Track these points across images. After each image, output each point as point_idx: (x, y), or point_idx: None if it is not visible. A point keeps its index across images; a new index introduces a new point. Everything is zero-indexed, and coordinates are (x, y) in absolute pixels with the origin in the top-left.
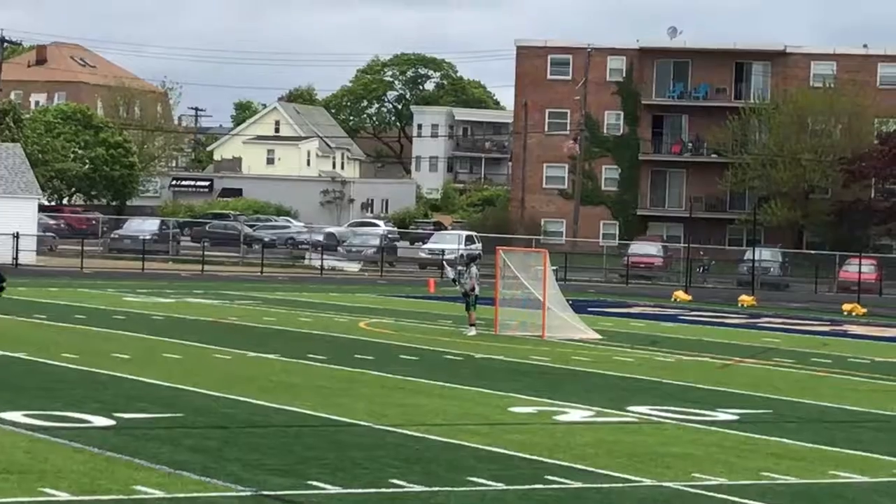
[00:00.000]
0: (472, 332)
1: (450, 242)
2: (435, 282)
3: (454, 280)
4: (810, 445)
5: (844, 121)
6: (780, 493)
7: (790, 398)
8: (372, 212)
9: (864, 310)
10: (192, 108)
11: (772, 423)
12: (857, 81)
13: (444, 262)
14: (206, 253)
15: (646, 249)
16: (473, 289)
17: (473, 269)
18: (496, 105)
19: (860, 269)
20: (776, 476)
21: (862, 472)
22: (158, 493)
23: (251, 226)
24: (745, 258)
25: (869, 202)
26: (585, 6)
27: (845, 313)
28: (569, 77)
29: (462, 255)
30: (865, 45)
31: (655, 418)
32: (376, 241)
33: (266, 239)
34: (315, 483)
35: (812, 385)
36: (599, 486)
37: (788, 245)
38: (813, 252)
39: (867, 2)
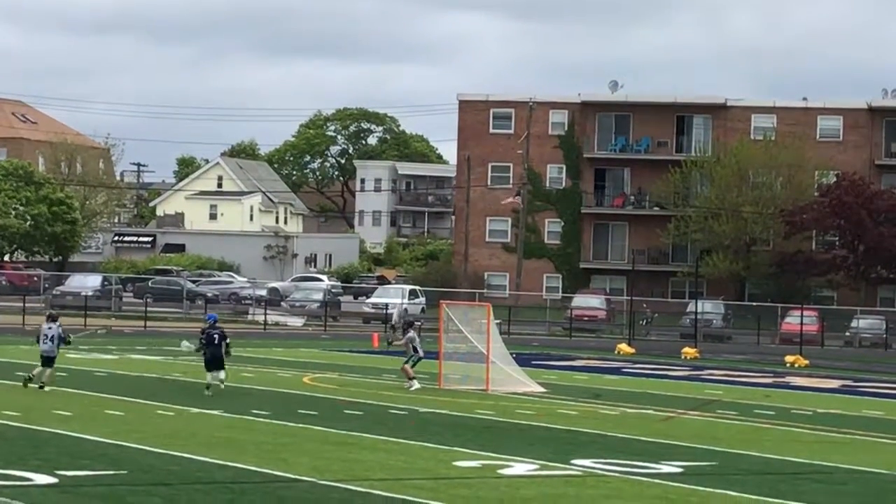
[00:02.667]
0: (416, 385)
1: (393, 297)
2: (379, 336)
3: (392, 327)
4: (754, 497)
5: (785, 173)
6: None
7: (734, 450)
8: (315, 266)
9: (807, 361)
10: (134, 164)
11: (716, 475)
12: (797, 134)
13: (397, 308)
14: (148, 309)
15: (589, 302)
16: (416, 350)
17: (411, 333)
18: (439, 159)
19: (802, 320)
20: None
21: None
22: None
23: (194, 281)
24: (688, 310)
25: (810, 254)
26: (527, 61)
27: (788, 365)
28: (511, 131)
29: (404, 319)
30: (805, 99)
31: (599, 471)
32: (320, 296)
33: (209, 294)
34: None
35: (755, 437)
36: None
37: (731, 297)
38: (755, 304)
39: (806, 56)
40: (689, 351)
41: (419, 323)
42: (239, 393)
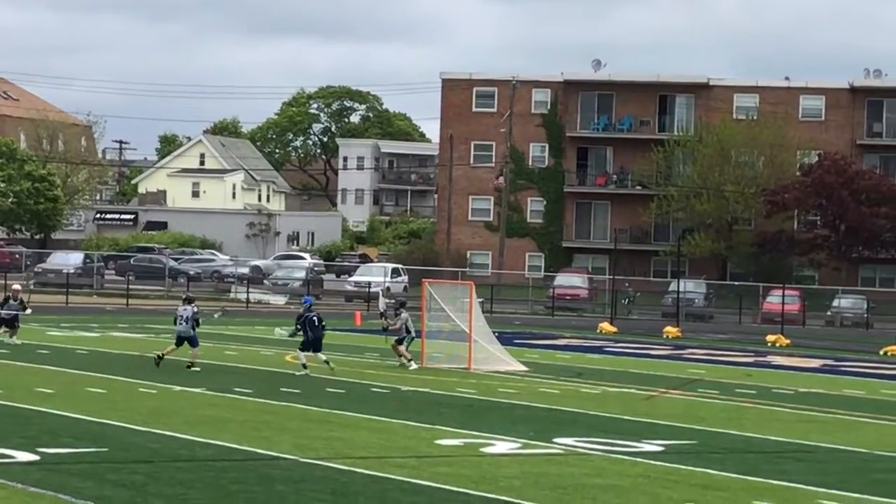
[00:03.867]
0: (414, 365)
1: (376, 275)
2: (361, 314)
3: (381, 314)
4: (735, 476)
5: (767, 153)
6: None
7: (715, 429)
8: (298, 245)
9: (788, 340)
10: (116, 142)
11: (697, 453)
12: (779, 114)
13: (381, 294)
14: (130, 286)
15: (571, 281)
16: (409, 331)
17: (404, 314)
18: (422, 137)
19: (783, 299)
20: None
21: (785, 502)
22: None
23: (176, 259)
24: (670, 289)
25: (791, 233)
26: (510, 40)
27: (769, 344)
28: (494, 109)
29: (394, 299)
30: (787, 78)
31: (581, 450)
32: (302, 274)
33: (191, 272)
34: None
35: (736, 416)
36: None
37: (712, 276)
38: (737, 283)
39: (788, 36)
40: (670, 330)
41: (392, 301)
42: (221, 371)
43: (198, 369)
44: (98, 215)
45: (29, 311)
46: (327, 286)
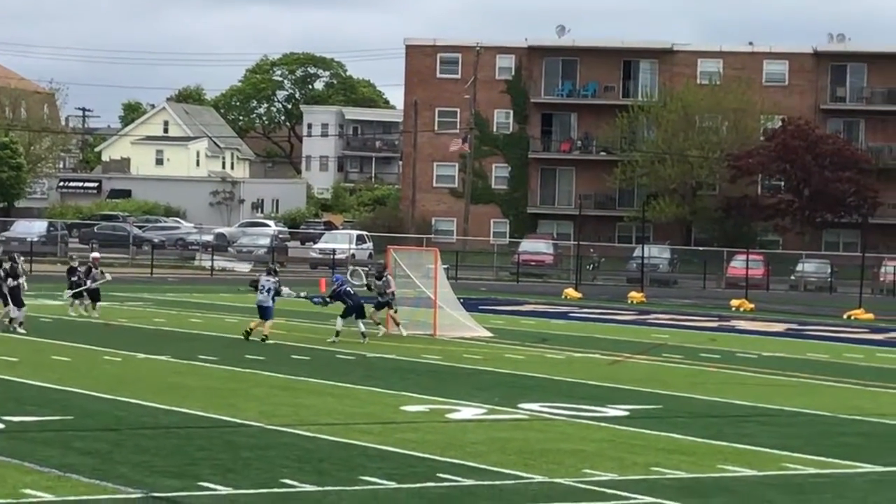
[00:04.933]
0: (382, 331)
1: (341, 242)
2: (326, 281)
3: (368, 287)
4: (699, 440)
5: (731, 118)
6: (670, 488)
7: (679, 393)
8: (262, 212)
9: (752, 305)
10: (79, 109)
11: (661, 418)
12: (743, 79)
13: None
14: (92, 254)
15: (536, 247)
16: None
17: (389, 278)
18: (386, 104)
19: (747, 264)
20: (666, 471)
21: (750, 465)
22: (48, 497)
23: (140, 227)
24: (635, 255)
25: (755, 198)
26: (473, 6)
27: (733, 309)
28: (458, 76)
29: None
30: (751, 43)
31: (546, 415)
32: (267, 242)
33: (155, 240)
34: (206, 484)
35: (701, 380)
36: (491, 483)
37: (677, 241)
38: (701, 248)
39: (752, 1)
40: (635, 295)
41: (367, 269)
42: (186, 338)
43: (270, 341)
44: (61, 183)
45: (108, 276)
46: (292, 253)
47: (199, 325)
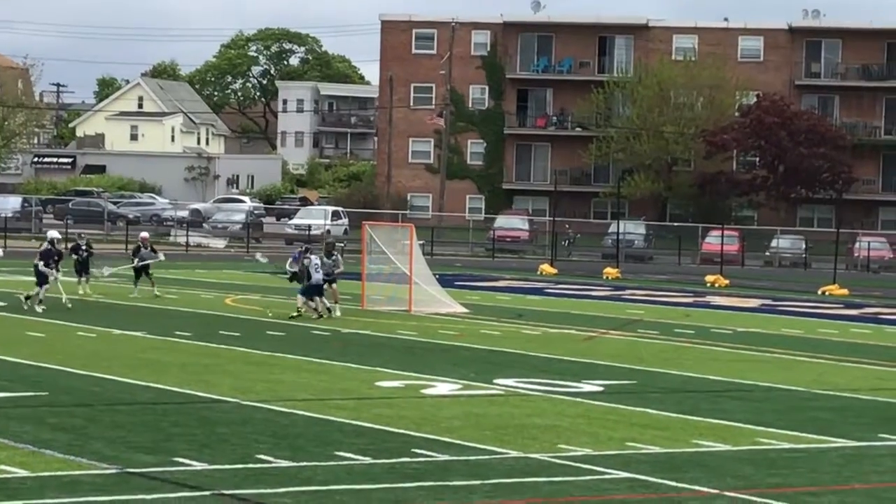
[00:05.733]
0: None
1: (316, 218)
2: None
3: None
4: (674, 415)
5: (706, 94)
6: (645, 463)
7: (654, 369)
8: (237, 188)
9: (727, 281)
10: (53, 85)
11: (636, 393)
12: (718, 55)
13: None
14: (69, 230)
15: (511, 223)
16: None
17: (338, 258)
18: (361, 80)
19: (722, 240)
20: (641, 446)
21: (724, 440)
22: (22, 473)
23: (115, 203)
24: (610, 231)
25: (730, 174)
26: None
27: (708, 285)
28: (434, 51)
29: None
30: (726, 19)
31: (522, 391)
32: (242, 217)
33: (130, 216)
34: (181, 460)
35: (675, 356)
36: (466, 458)
37: (652, 217)
38: (676, 224)
39: None
40: (610, 271)
41: (342, 245)
42: (161, 314)
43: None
44: (36, 159)
45: (162, 256)
46: (267, 229)
47: (174, 301)
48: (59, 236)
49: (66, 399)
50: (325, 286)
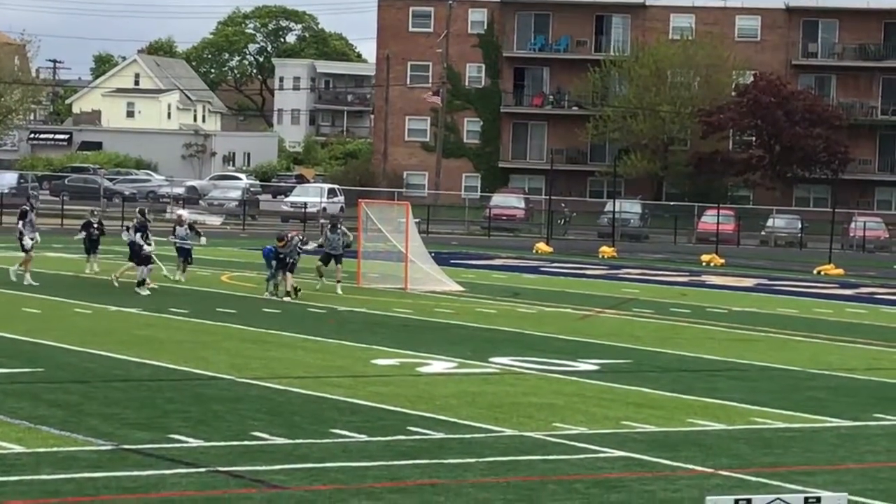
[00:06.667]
0: (318, 286)
1: (312, 196)
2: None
3: (321, 245)
4: (669, 394)
5: (703, 73)
6: (640, 442)
7: (650, 348)
8: (234, 165)
9: (722, 260)
10: (50, 61)
11: (632, 372)
12: (715, 34)
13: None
14: (65, 207)
15: (508, 202)
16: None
17: (341, 228)
18: (358, 58)
19: (718, 219)
20: (636, 424)
21: (719, 419)
22: (18, 448)
23: (111, 179)
24: (606, 210)
25: (727, 153)
26: None
27: (704, 264)
28: (430, 29)
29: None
30: None
31: (517, 369)
32: (238, 195)
33: (126, 193)
34: (176, 436)
35: (671, 335)
36: (462, 436)
37: (648, 196)
38: (672, 203)
39: None
40: (606, 250)
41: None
42: (157, 291)
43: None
44: (32, 135)
45: (204, 239)
46: (263, 207)
47: (170, 279)
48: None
49: (62, 375)
50: (332, 263)
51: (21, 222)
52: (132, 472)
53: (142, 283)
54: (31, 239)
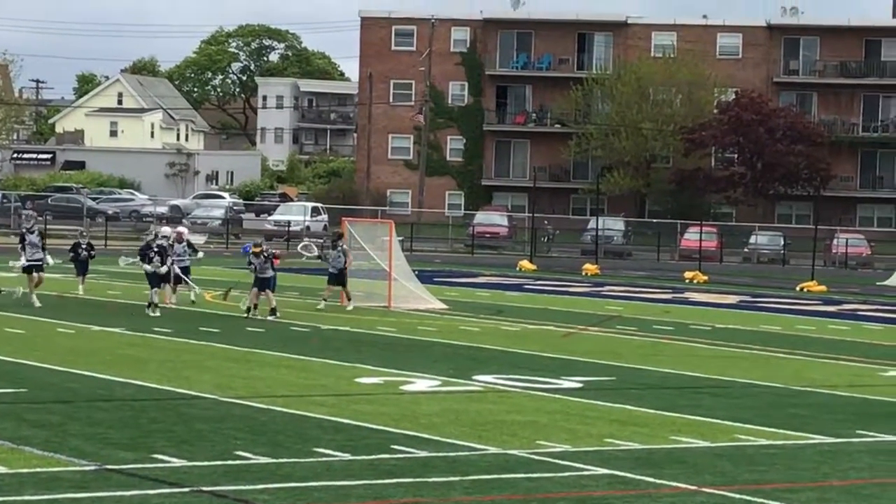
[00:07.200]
0: (351, 305)
1: (296, 214)
2: (280, 254)
3: (319, 257)
4: (652, 412)
5: (684, 90)
6: (623, 459)
7: (633, 365)
8: (217, 184)
9: (705, 277)
10: (33, 81)
11: (615, 390)
12: (697, 52)
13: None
14: (48, 226)
15: (491, 219)
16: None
17: (342, 246)
18: (341, 76)
19: (701, 236)
20: (619, 442)
21: (703, 436)
22: (1, 469)
23: (94, 199)
24: (589, 227)
25: (709, 171)
26: None
27: (687, 281)
28: (413, 48)
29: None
30: (705, 16)
31: (501, 387)
32: (221, 213)
33: (110, 212)
34: (160, 456)
35: (654, 352)
36: (445, 454)
37: (631, 214)
38: (655, 220)
39: None
40: (589, 267)
41: (321, 241)
42: (141, 311)
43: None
44: (15, 155)
45: (201, 254)
46: (247, 225)
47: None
48: (168, 231)
49: (45, 395)
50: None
51: (20, 245)
52: (116, 493)
53: (153, 304)
54: (30, 261)
